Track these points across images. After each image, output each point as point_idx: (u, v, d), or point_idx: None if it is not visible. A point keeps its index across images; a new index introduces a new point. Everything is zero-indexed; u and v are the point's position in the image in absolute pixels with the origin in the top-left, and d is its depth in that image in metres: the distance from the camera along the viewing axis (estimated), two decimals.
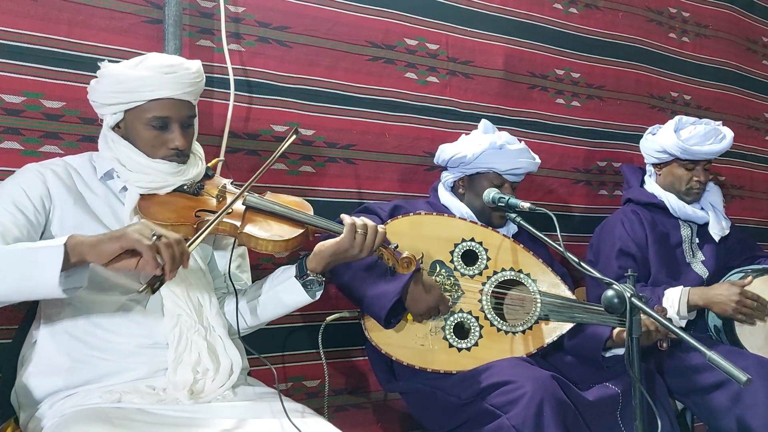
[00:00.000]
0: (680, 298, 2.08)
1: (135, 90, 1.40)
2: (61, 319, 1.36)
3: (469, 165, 2.02)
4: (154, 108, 1.41)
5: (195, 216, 1.36)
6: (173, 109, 1.43)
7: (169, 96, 1.41)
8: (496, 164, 2.01)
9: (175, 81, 1.41)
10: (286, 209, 1.46)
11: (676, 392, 2.06)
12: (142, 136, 1.43)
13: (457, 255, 1.89)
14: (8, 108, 1.72)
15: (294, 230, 1.43)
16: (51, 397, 1.32)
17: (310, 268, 1.47)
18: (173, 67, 1.43)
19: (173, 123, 1.43)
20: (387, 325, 1.75)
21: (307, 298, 1.50)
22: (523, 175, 2.08)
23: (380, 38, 2.30)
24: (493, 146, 2.01)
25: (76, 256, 1.15)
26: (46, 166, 1.42)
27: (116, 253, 1.14)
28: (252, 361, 1.55)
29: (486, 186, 2.02)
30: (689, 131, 2.28)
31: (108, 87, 1.42)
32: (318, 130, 2.17)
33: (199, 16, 2.01)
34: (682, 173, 2.31)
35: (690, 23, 3.12)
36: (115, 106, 1.42)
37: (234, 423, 1.28)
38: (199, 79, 1.47)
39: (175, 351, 1.36)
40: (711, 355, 1.27)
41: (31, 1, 1.75)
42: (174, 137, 1.43)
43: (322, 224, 1.47)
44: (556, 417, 1.57)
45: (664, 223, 2.33)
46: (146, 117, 1.42)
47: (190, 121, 1.48)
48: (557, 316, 1.88)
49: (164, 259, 1.14)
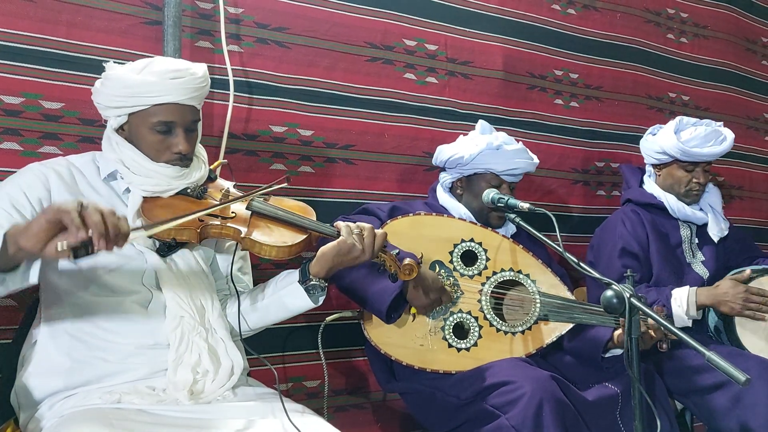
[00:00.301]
0: (688, 298, 2.08)
1: (140, 95, 1.39)
2: (62, 319, 1.36)
3: (466, 166, 2.02)
4: (159, 113, 1.41)
5: (198, 220, 1.37)
6: (178, 114, 1.42)
7: (174, 101, 1.40)
8: (493, 165, 2.01)
9: (180, 86, 1.40)
10: (290, 215, 1.46)
11: (675, 393, 2.06)
12: (147, 139, 1.42)
13: (457, 255, 1.89)
14: (7, 109, 1.73)
15: (297, 236, 1.44)
16: (51, 398, 1.32)
17: (313, 273, 1.47)
18: (179, 72, 1.42)
19: (178, 127, 1.43)
20: (388, 320, 1.74)
21: (309, 303, 1.50)
22: (521, 175, 2.08)
23: (379, 39, 2.30)
24: (490, 147, 2.01)
25: (12, 246, 1.10)
26: (48, 166, 1.42)
27: (44, 229, 1.07)
28: (252, 362, 1.55)
29: (484, 187, 2.02)
30: (689, 133, 2.27)
31: (112, 90, 1.41)
32: (317, 131, 2.17)
33: (197, 17, 2.01)
34: (681, 175, 2.31)
35: (688, 24, 3.13)
36: (120, 109, 1.42)
37: (234, 423, 1.28)
38: (204, 84, 1.47)
39: (176, 351, 1.36)
40: (710, 355, 1.27)
41: (30, 3, 1.75)
42: (178, 141, 1.42)
43: (325, 229, 1.47)
44: (555, 417, 1.57)
45: (664, 224, 2.33)
46: (151, 121, 1.41)
47: (194, 125, 1.48)
48: (557, 317, 1.88)
49: (90, 224, 1.06)
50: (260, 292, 1.55)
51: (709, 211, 2.36)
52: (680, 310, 2.07)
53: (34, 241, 1.07)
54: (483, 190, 2.01)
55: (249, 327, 1.54)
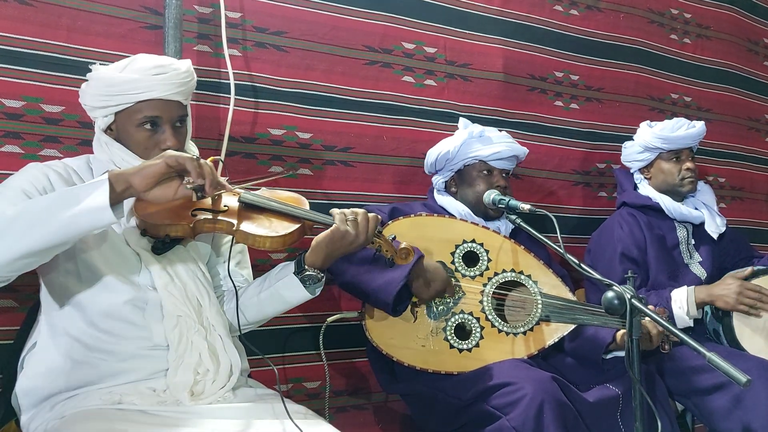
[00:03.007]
0: (687, 298, 2.09)
1: (124, 93, 1.40)
2: (62, 320, 1.36)
3: (454, 160, 2.04)
4: (144, 109, 1.42)
5: (191, 215, 1.37)
6: (163, 109, 1.43)
7: (158, 96, 1.41)
8: (478, 151, 2.02)
9: (164, 82, 1.41)
10: (282, 205, 1.45)
11: (676, 394, 2.06)
12: (134, 137, 1.43)
13: (458, 256, 1.89)
14: (8, 112, 1.74)
15: (290, 225, 1.42)
16: (52, 399, 1.33)
17: (308, 263, 1.47)
18: (162, 67, 1.43)
19: (164, 123, 1.43)
20: (395, 313, 1.74)
21: (306, 295, 1.49)
22: (511, 161, 2.07)
23: (377, 42, 2.31)
24: (471, 135, 2.04)
25: (121, 184, 1.18)
26: (47, 166, 1.43)
27: (161, 172, 1.19)
28: (252, 363, 1.56)
29: (475, 176, 2.04)
30: (660, 126, 2.38)
31: (97, 90, 1.43)
32: (315, 134, 2.18)
33: (197, 21, 2.02)
34: (670, 167, 2.35)
35: (691, 24, 3.12)
36: (105, 108, 1.43)
37: (235, 424, 1.28)
38: (188, 79, 1.47)
39: (176, 351, 1.36)
40: (711, 356, 1.26)
41: (30, 7, 1.77)
42: (166, 138, 1.43)
43: (318, 218, 1.46)
44: (556, 418, 1.57)
45: (660, 225, 2.34)
46: (136, 118, 1.42)
47: (182, 121, 1.48)
48: (558, 318, 1.87)
49: (205, 174, 1.22)
50: (257, 285, 1.54)
51: (704, 209, 2.37)
52: (681, 311, 2.08)
53: (148, 182, 1.19)
54: (474, 180, 2.03)
55: (247, 320, 1.53)
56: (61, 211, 1.16)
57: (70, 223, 1.16)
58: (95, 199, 1.15)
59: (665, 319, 1.80)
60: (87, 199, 1.15)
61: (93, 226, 1.19)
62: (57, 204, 1.17)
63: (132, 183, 1.19)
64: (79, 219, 1.16)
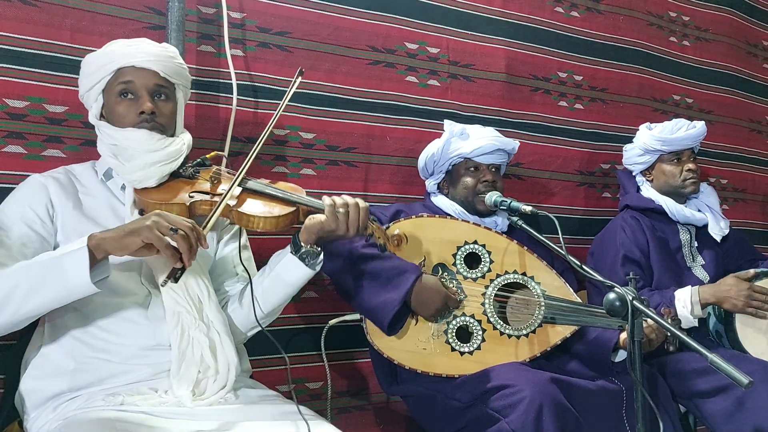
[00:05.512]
0: (692, 298, 2.08)
1: (102, 66, 1.47)
2: (65, 321, 1.37)
3: (440, 161, 2.06)
4: (120, 76, 1.47)
5: (189, 196, 1.42)
6: (137, 75, 1.47)
7: (131, 63, 1.46)
8: (460, 149, 2.03)
9: (137, 50, 1.48)
10: (280, 191, 1.50)
11: (678, 395, 2.05)
12: (117, 111, 1.47)
13: (460, 258, 1.89)
14: (12, 112, 1.74)
15: (285, 208, 1.47)
16: (55, 400, 1.33)
17: (302, 240, 1.49)
18: (137, 40, 1.52)
19: (140, 90, 1.47)
20: (390, 332, 1.75)
21: (307, 271, 1.50)
22: (499, 155, 2.06)
23: (380, 42, 2.31)
24: (452, 134, 2.05)
25: (100, 252, 1.23)
26: (46, 176, 1.46)
27: (139, 246, 1.23)
28: (254, 363, 1.55)
29: (462, 173, 2.05)
30: (659, 128, 2.37)
31: (84, 75, 1.51)
32: (319, 134, 2.18)
33: (200, 22, 2.02)
34: (671, 168, 2.34)
35: (690, 27, 3.12)
36: (93, 90, 1.49)
37: (236, 425, 1.28)
38: (164, 53, 1.51)
39: (179, 348, 1.36)
40: (713, 358, 1.26)
41: (34, 8, 1.77)
42: (141, 102, 1.47)
43: (313, 204, 1.49)
44: (555, 421, 1.56)
45: (663, 228, 2.33)
46: (116, 90, 1.47)
47: (162, 91, 1.51)
48: (562, 319, 1.87)
49: (182, 250, 1.23)
50: (258, 277, 1.55)
51: (707, 212, 2.36)
52: (685, 310, 2.07)
53: (126, 252, 1.24)
54: (462, 177, 2.04)
55: (263, 312, 1.52)
56: (47, 283, 1.23)
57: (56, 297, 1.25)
58: (76, 277, 1.21)
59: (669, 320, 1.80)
60: (70, 273, 1.21)
61: (75, 298, 1.26)
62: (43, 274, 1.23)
63: (110, 252, 1.24)
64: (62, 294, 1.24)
